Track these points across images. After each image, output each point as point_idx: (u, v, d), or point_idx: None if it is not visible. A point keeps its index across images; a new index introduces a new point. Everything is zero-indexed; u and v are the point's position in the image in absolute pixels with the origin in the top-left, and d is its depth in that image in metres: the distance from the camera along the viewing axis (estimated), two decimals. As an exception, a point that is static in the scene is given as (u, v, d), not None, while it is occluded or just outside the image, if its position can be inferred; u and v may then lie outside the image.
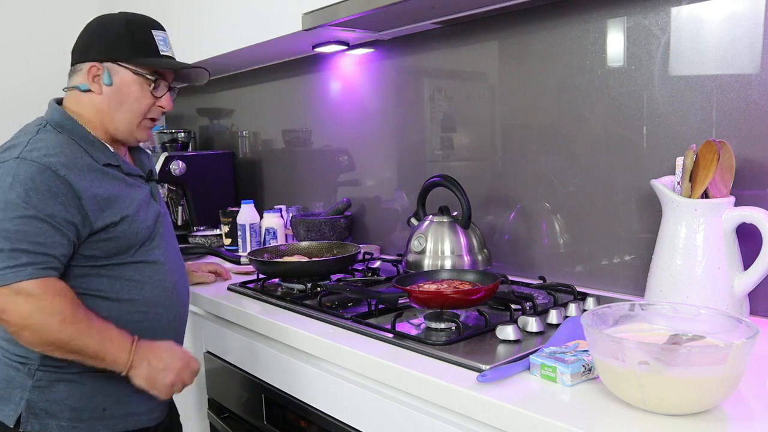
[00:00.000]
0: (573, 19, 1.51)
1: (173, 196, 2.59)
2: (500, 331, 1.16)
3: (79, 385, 1.21)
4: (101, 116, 1.28)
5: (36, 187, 1.12)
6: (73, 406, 1.21)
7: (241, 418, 1.60)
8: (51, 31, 2.90)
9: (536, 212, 1.65)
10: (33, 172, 1.13)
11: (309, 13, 1.68)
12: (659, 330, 0.97)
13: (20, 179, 1.12)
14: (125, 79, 1.27)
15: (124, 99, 1.28)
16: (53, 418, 1.20)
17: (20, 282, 1.10)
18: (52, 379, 1.20)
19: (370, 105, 2.13)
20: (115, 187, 1.24)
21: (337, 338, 1.25)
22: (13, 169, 1.13)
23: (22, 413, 1.18)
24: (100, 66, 1.26)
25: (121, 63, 1.27)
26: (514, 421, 0.90)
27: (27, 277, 1.10)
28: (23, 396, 1.19)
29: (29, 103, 2.26)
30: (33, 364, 1.20)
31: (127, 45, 1.27)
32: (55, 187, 1.14)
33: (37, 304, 1.11)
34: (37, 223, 1.12)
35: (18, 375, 1.20)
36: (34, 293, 1.10)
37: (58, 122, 1.24)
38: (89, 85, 1.27)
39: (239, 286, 1.69)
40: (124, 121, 1.29)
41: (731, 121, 1.27)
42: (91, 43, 1.28)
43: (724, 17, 1.26)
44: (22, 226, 1.11)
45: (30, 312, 1.10)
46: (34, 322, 1.11)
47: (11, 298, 1.10)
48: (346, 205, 2.15)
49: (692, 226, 1.20)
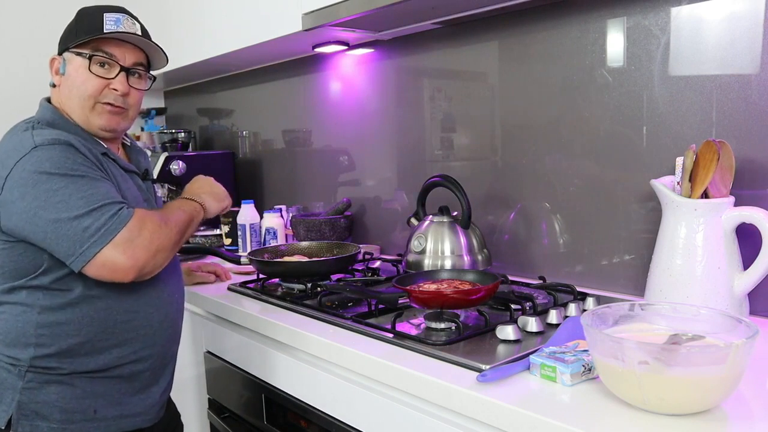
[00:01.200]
0: (573, 19, 1.51)
1: (173, 196, 2.59)
2: (500, 331, 1.16)
3: (70, 386, 1.20)
4: (65, 107, 1.28)
5: (74, 159, 1.15)
6: (63, 408, 1.20)
7: (241, 418, 1.60)
8: (51, 31, 2.89)
9: (536, 212, 1.65)
10: (60, 150, 1.15)
11: (309, 13, 1.68)
12: (659, 330, 0.97)
13: (55, 159, 1.13)
14: (73, 64, 1.26)
15: (72, 84, 1.26)
16: (44, 419, 1.19)
17: (123, 229, 1.13)
18: (42, 380, 1.19)
19: (370, 105, 2.13)
20: (123, 180, 1.27)
21: (337, 338, 1.25)
22: (42, 156, 1.13)
23: (13, 415, 1.18)
24: (59, 58, 1.28)
25: (70, 49, 1.26)
26: (514, 421, 0.90)
27: (126, 220, 1.14)
28: (14, 397, 1.18)
29: (29, 103, 2.25)
30: (23, 366, 1.19)
31: (74, 31, 1.27)
32: (81, 158, 1.17)
33: (149, 233, 1.16)
34: (96, 183, 1.16)
35: (9, 376, 1.20)
36: (137, 227, 1.15)
37: (48, 120, 1.24)
38: (53, 78, 1.29)
39: (239, 286, 1.69)
40: (76, 108, 1.27)
41: (731, 121, 1.27)
42: (59, 41, 1.31)
43: (724, 17, 1.26)
44: (90, 189, 1.14)
45: (149, 241, 1.16)
46: (158, 244, 1.18)
47: (128, 244, 1.13)
48: (346, 205, 2.15)
49: (692, 226, 1.20)
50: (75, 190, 1.13)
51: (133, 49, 1.29)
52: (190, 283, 1.75)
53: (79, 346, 1.20)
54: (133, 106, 1.32)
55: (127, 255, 1.13)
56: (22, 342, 1.19)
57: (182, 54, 2.37)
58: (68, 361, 1.20)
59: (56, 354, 1.19)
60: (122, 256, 1.13)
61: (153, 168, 2.40)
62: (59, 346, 1.19)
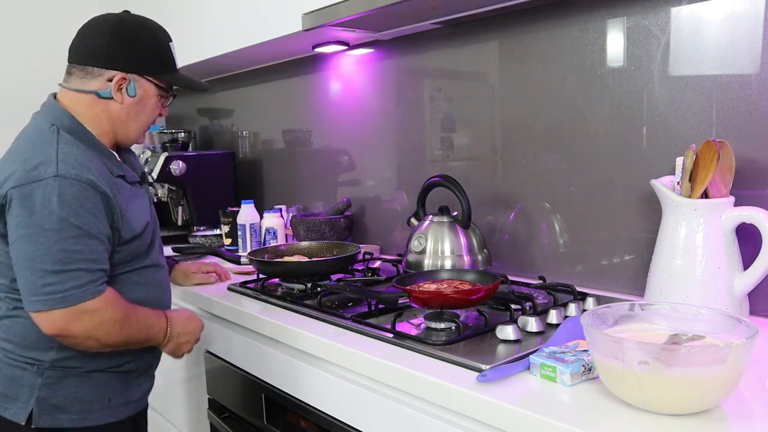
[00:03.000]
0: (573, 19, 1.51)
1: (173, 196, 2.59)
2: (500, 331, 1.16)
3: (87, 379, 1.27)
4: (115, 123, 1.31)
5: (83, 205, 1.16)
6: (82, 399, 1.26)
7: (241, 418, 1.60)
8: (51, 31, 2.90)
9: (536, 212, 1.65)
10: (77, 190, 1.16)
11: (309, 13, 1.68)
12: (659, 330, 0.97)
13: (67, 198, 1.15)
14: (148, 92, 1.33)
15: (142, 110, 1.33)
16: (64, 412, 1.25)
17: (85, 302, 1.16)
18: (61, 375, 1.24)
19: (370, 105, 2.13)
20: (130, 197, 1.30)
21: (337, 338, 1.25)
22: (56, 189, 1.14)
23: (33, 410, 1.22)
24: (127, 77, 1.29)
25: (148, 77, 1.32)
26: (514, 421, 0.90)
27: (91, 296, 1.17)
28: (32, 394, 1.23)
29: (29, 103, 2.26)
30: (44, 365, 1.24)
31: (154, 60, 1.32)
32: (99, 204, 1.19)
33: (100, 319, 1.18)
34: (89, 240, 1.17)
35: (25, 374, 1.24)
36: (97, 309, 1.18)
37: (68, 127, 1.25)
38: (113, 93, 1.28)
39: (239, 286, 1.69)
40: (137, 130, 1.35)
41: (731, 121, 1.27)
42: (118, 53, 1.28)
43: (724, 17, 1.26)
44: (78, 245, 1.15)
45: (94, 326, 1.18)
46: (99, 334, 1.19)
47: (77, 317, 1.16)
48: (346, 205, 2.15)
49: (692, 226, 1.20)
50: (62, 240, 1.14)
51: None
52: (190, 283, 1.75)
53: None
54: None
55: (66, 320, 1.16)
56: (44, 345, 1.23)
57: (182, 54, 2.36)
58: (88, 359, 1.26)
59: (77, 356, 1.25)
60: (62, 320, 1.15)
61: (154, 167, 2.41)
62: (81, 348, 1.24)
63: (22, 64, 2.88)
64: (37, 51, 2.89)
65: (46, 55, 2.85)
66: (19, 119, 1.28)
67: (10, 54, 2.89)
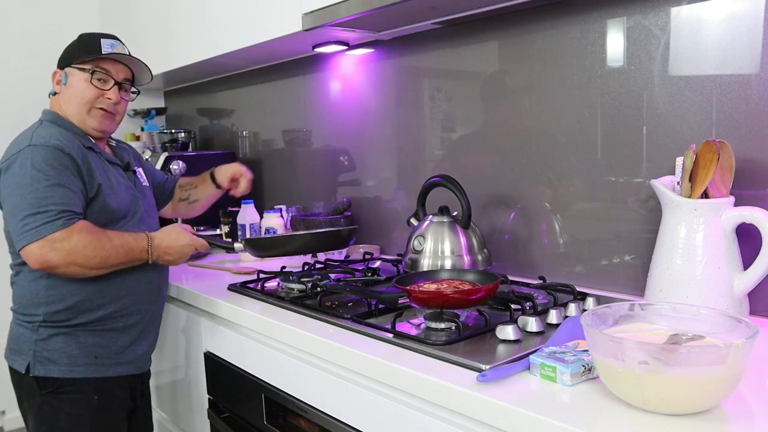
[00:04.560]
0: (573, 19, 1.51)
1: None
2: (500, 331, 1.16)
3: (74, 337, 1.52)
4: (65, 111, 1.56)
5: (51, 163, 1.42)
6: (70, 354, 1.51)
7: (241, 418, 1.60)
8: (51, 31, 2.90)
9: (536, 212, 1.65)
10: (46, 153, 1.43)
11: (309, 13, 1.68)
12: (659, 330, 0.97)
13: (37, 159, 1.41)
14: (75, 77, 1.56)
15: (73, 92, 1.55)
16: (54, 364, 1.50)
17: (54, 233, 1.38)
18: (51, 333, 1.50)
19: (370, 105, 2.13)
20: (95, 164, 1.51)
21: (337, 338, 1.25)
22: (29, 154, 1.42)
23: (30, 362, 1.50)
24: (61, 71, 1.58)
25: (72, 65, 1.56)
26: (513, 421, 0.90)
27: (59, 228, 1.38)
28: (30, 348, 1.51)
29: (29, 103, 2.26)
30: (37, 321, 1.50)
31: (77, 50, 1.57)
32: (65, 162, 1.44)
33: (69, 246, 1.39)
34: (59, 189, 1.41)
35: (26, 332, 1.52)
36: (64, 238, 1.39)
37: (51, 119, 1.55)
38: (54, 88, 1.59)
39: (239, 286, 1.69)
40: (75, 111, 1.55)
41: (731, 121, 1.27)
42: (60, 58, 1.60)
43: (724, 17, 1.26)
44: (49, 192, 1.40)
45: (67, 252, 1.39)
46: (76, 258, 1.40)
47: (50, 247, 1.38)
48: (346, 205, 2.15)
49: (692, 226, 1.20)
50: (35, 189, 1.39)
51: (123, 68, 1.60)
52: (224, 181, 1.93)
53: (80, 303, 1.50)
54: (120, 113, 1.62)
55: (42, 251, 1.38)
56: (36, 302, 1.50)
57: (182, 54, 2.37)
58: (73, 313, 1.50)
59: (64, 309, 1.50)
60: (38, 251, 1.38)
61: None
62: (66, 303, 1.49)
63: (22, 64, 2.88)
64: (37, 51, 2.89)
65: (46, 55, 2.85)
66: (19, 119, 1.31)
67: (10, 54, 2.89)
